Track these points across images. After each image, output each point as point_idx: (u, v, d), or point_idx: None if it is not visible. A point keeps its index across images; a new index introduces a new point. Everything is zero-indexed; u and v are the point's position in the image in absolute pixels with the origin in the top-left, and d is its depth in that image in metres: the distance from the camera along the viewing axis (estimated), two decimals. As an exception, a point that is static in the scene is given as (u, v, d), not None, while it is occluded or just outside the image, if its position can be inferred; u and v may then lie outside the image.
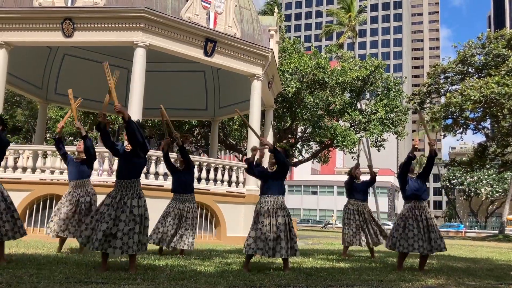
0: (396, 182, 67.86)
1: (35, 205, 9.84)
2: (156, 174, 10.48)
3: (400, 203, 70.74)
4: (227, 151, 30.68)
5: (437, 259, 7.95)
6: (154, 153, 10.47)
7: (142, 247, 4.78)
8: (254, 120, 11.89)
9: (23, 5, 10.22)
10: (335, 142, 22.35)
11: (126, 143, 5.21)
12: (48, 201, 9.86)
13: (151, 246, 6.67)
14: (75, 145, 7.16)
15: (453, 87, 27.48)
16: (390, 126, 23.30)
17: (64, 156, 6.65)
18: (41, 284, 3.80)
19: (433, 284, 4.79)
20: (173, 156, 9.53)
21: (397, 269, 5.98)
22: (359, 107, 24.70)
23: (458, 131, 27.23)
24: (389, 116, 23.24)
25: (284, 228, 5.42)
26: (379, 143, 24.72)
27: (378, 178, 8.84)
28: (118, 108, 4.64)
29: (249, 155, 6.10)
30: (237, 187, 11.64)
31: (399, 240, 5.94)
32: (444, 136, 31.02)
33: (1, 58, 10.33)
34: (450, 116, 26.12)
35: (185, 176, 6.90)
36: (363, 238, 7.96)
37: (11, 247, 6.85)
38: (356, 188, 8.17)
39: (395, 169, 78.46)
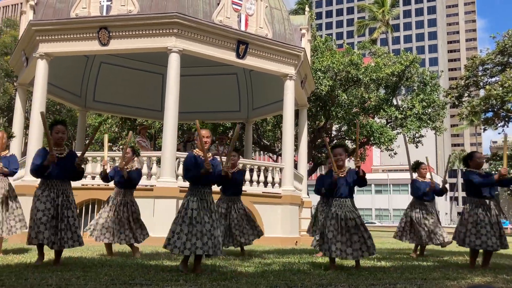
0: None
1: (78, 210, 10.14)
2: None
3: (436, 199, 69.06)
4: (261, 152, 30.74)
5: (482, 257, 7.69)
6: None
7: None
8: (288, 120, 11.87)
9: (61, 16, 10.56)
10: (371, 139, 22.04)
11: None
12: (90, 206, 10.17)
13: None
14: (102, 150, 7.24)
15: (493, 79, 26.66)
16: (428, 121, 22.79)
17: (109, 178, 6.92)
18: (88, 285, 3.91)
19: (480, 282, 4.64)
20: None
21: (469, 266, 5.99)
22: (395, 103, 24.27)
23: (499, 124, 26.38)
24: (426, 111, 22.74)
25: None
26: (417, 139, 24.22)
27: (414, 175, 8.59)
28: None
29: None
30: (273, 187, 11.64)
31: (468, 237, 5.92)
32: (485, 129, 30.07)
33: (42, 69, 10.69)
34: (490, 109, 25.36)
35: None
36: (421, 236, 7.71)
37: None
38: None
39: (433, 165, 76.57)
